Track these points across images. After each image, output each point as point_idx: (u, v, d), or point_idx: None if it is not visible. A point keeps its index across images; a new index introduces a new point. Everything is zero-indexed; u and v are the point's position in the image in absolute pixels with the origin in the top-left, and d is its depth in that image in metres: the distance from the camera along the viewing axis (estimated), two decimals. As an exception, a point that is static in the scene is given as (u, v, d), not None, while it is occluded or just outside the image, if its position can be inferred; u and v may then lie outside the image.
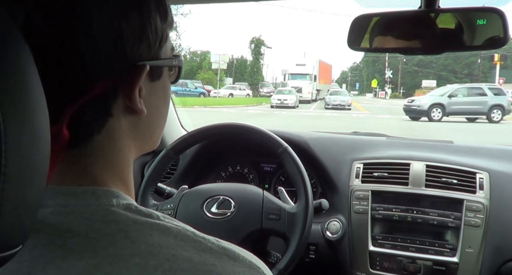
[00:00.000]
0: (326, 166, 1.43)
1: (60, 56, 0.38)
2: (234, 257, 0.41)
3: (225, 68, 34.40)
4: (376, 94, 54.85)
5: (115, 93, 0.42)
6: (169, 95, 0.51)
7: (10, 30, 0.30)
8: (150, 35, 0.43)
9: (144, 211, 0.42)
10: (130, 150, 0.46)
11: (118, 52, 0.41)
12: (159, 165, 1.19)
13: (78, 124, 0.40)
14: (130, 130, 0.45)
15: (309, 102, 28.73)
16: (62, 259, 0.36)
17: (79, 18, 0.39)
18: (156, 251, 0.37)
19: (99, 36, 0.39)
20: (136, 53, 0.42)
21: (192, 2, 1.35)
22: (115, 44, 0.40)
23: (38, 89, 0.31)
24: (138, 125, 0.46)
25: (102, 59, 0.40)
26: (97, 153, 0.43)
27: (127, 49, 0.41)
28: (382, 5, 1.22)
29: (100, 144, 0.43)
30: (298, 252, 1.04)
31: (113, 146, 0.44)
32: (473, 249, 1.20)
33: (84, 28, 0.39)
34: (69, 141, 0.40)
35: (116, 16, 0.40)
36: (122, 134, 0.44)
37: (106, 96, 0.41)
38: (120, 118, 0.43)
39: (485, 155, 1.43)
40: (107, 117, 0.42)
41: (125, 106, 0.43)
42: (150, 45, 0.44)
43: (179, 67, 0.51)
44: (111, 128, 0.43)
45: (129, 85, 0.42)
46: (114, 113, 0.42)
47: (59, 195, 0.40)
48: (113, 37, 0.40)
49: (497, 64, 20.46)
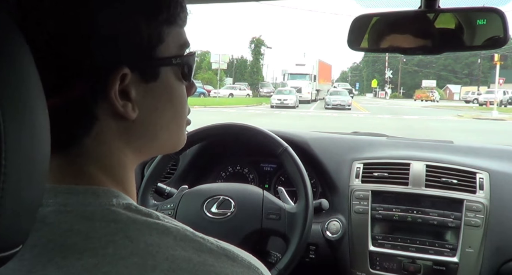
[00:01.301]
0: (326, 166, 1.43)
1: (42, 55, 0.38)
2: (233, 257, 0.41)
3: (225, 68, 34.42)
4: (376, 94, 54.92)
5: (94, 97, 0.41)
6: (175, 96, 0.48)
7: (10, 30, 0.30)
8: (131, 36, 0.41)
9: (143, 210, 0.42)
10: (124, 152, 0.46)
11: (86, 56, 0.40)
12: (159, 165, 1.19)
13: (62, 125, 0.40)
14: (122, 133, 0.44)
15: (309, 103, 28.69)
16: (62, 258, 0.36)
17: (61, 19, 0.38)
18: (155, 251, 0.37)
19: (75, 38, 0.39)
20: (109, 56, 0.41)
21: (192, 2, 1.34)
22: (83, 47, 0.39)
23: (38, 89, 0.31)
24: (133, 128, 0.45)
25: (70, 63, 0.39)
26: (89, 154, 0.43)
27: (96, 52, 0.40)
28: (382, 5, 1.23)
29: (89, 146, 0.42)
30: (298, 252, 1.04)
31: (103, 149, 0.44)
32: (473, 249, 1.20)
33: (48, 24, 0.38)
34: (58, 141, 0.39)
35: (86, 16, 0.39)
36: (113, 138, 0.44)
37: (84, 100, 0.41)
38: (109, 121, 0.43)
39: (485, 155, 1.43)
40: (93, 120, 0.42)
41: (114, 111, 0.42)
42: (133, 46, 0.42)
43: (188, 66, 0.48)
44: (100, 131, 0.42)
45: (103, 89, 0.41)
46: (100, 117, 0.42)
47: (59, 194, 0.40)
48: (81, 40, 0.39)
49: (497, 64, 20.42)
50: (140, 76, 0.43)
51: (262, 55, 41.85)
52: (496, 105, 21.85)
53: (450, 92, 53.99)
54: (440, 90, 52.81)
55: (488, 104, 25.87)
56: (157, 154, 0.50)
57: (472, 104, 31.88)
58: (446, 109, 23.97)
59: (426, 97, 41.99)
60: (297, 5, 67.01)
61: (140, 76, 0.43)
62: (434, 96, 41.98)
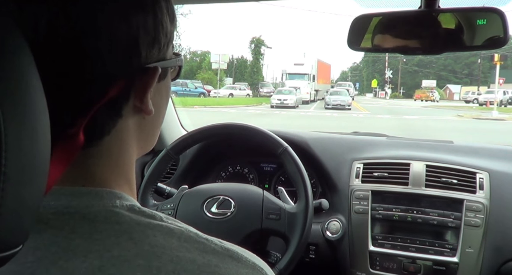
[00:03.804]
0: (326, 166, 1.43)
1: (79, 60, 0.38)
2: (238, 258, 0.41)
3: (225, 68, 34.40)
4: (376, 94, 54.90)
5: (128, 96, 0.42)
6: (169, 95, 0.51)
7: (10, 30, 0.30)
8: (162, 38, 0.43)
9: (147, 212, 0.42)
10: (133, 149, 0.47)
11: (134, 55, 0.41)
12: (159, 165, 1.19)
13: (92, 127, 0.40)
14: (135, 130, 0.46)
15: (308, 103, 28.60)
16: (65, 260, 0.36)
17: (99, 22, 0.38)
18: (159, 253, 0.37)
19: (116, 40, 0.39)
20: (150, 55, 0.42)
21: (192, 2, 1.34)
22: (132, 47, 0.40)
23: (38, 89, 0.31)
24: (143, 125, 0.46)
25: (119, 63, 0.40)
26: (103, 153, 0.43)
27: (142, 52, 0.41)
28: (382, 5, 1.22)
29: (108, 144, 0.43)
30: (298, 252, 1.04)
31: (120, 146, 0.44)
32: (473, 249, 1.20)
33: (103, 32, 0.39)
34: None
35: (133, 19, 0.40)
36: (129, 135, 0.45)
37: (118, 99, 0.41)
38: (128, 119, 0.44)
39: (485, 155, 1.43)
40: (118, 119, 0.42)
41: (134, 107, 0.43)
42: (160, 47, 0.44)
43: (179, 66, 0.52)
44: (119, 129, 0.43)
45: (142, 87, 0.43)
46: (124, 114, 0.43)
47: (62, 196, 0.40)
48: (130, 40, 0.40)
49: (497, 64, 20.40)
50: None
51: (262, 55, 41.85)
52: (496, 105, 21.86)
53: (450, 92, 54.00)
54: (440, 90, 52.82)
55: (488, 104, 25.85)
56: (145, 152, 0.51)
57: (472, 104, 31.86)
58: (446, 109, 23.95)
59: (426, 97, 41.99)
60: (297, 5, 67.08)
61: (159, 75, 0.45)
62: (434, 96, 41.98)
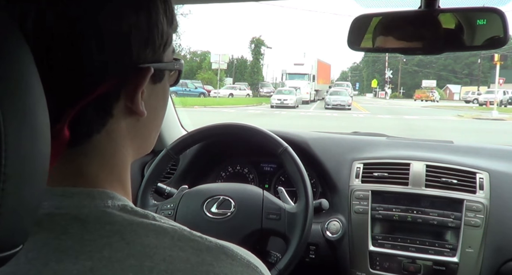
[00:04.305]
0: (326, 166, 1.43)
1: (67, 55, 0.38)
2: (232, 255, 0.41)
3: (225, 68, 34.37)
4: (376, 94, 54.87)
5: (117, 95, 0.42)
6: (167, 98, 0.51)
7: (10, 30, 0.30)
8: (156, 39, 0.43)
9: (139, 211, 0.41)
10: (128, 151, 0.46)
11: (125, 54, 0.41)
12: (159, 165, 1.19)
13: (79, 123, 0.40)
14: (129, 131, 0.45)
15: (308, 103, 28.57)
16: (57, 262, 0.36)
17: (89, 18, 0.38)
18: (152, 252, 0.37)
19: (107, 37, 0.39)
20: (142, 55, 0.42)
21: (192, 2, 1.34)
22: (123, 46, 0.40)
23: (38, 89, 0.31)
24: (137, 127, 0.46)
25: (109, 61, 0.40)
26: (95, 153, 0.43)
27: (133, 52, 0.41)
28: (382, 5, 1.22)
29: (98, 144, 0.42)
30: (298, 252, 1.04)
31: (111, 147, 0.44)
32: (473, 249, 1.20)
33: (93, 29, 0.38)
34: (69, 140, 0.39)
35: (126, 18, 0.40)
36: (121, 135, 0.44)
37: (108, 97, 0.41)
38: (120, 119, 0.43)
39: (485, 155, 1.43)
40: (108, 118, 0.42)
41: (126, 108, 0.43)
42: (155, 48, 0.44)
43: (179, 71, 0.51)
44: (110, 129, 0.43)
45: (132, 87, 0.42)
46: (115, 114, 0.42)
47: (54, 196, 0.40)
48: (121, 39, 0.40)
49: (497, 64, 20.39)
50: (151, 77, 0.45)
51: (262, 55, 41.84)
52: (496, 105, 21.85)
53: (450, 92, 53.98)
54: (440, 90, 52.79)
55: (488, 104, 25.85)
56: (143, 154, 0.50)
57: (472, 104, 31.85)
58: (446, 109, 23.94)
59: (426, 97, 41.97)
60: (297, 5, 67.05)
61: (152, 77, 0.45)
62: (434, 96, 41.96)
